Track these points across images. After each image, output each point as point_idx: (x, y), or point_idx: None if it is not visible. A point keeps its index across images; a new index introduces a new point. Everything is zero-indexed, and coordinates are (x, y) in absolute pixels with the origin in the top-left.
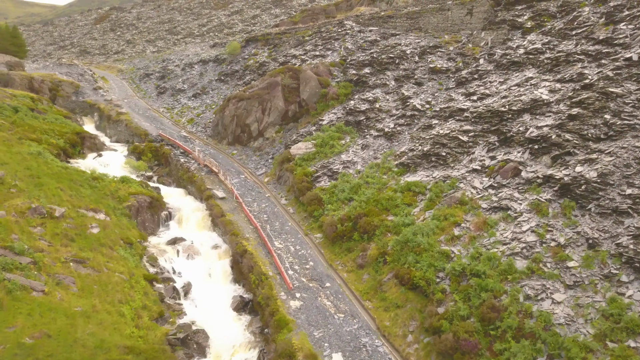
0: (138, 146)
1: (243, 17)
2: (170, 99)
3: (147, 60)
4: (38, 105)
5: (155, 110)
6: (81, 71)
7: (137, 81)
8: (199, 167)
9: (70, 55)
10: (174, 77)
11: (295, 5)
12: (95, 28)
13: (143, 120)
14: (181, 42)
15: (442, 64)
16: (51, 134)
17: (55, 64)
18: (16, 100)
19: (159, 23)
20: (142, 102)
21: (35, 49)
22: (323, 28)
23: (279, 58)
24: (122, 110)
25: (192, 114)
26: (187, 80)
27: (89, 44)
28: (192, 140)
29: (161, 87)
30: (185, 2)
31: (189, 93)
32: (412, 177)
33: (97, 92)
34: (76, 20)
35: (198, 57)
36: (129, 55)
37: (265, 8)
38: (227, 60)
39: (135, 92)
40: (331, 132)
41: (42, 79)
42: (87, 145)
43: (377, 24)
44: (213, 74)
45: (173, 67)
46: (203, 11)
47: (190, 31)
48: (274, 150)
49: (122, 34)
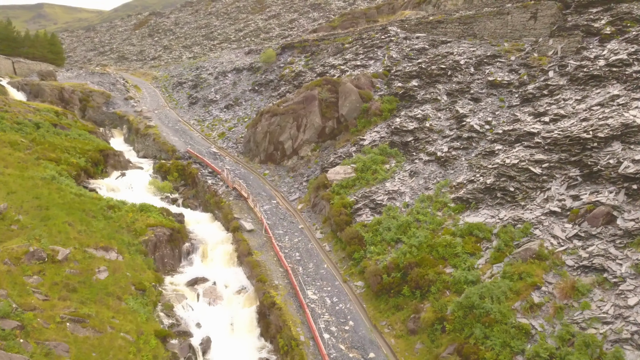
0: (164, 164)
1: (280, 21)
2: (202, 110)
3: (182, 67)
4: (62, 119)
5: (185, 122)
6: (113, 80)
7: (170, 90)
8: (228, 191)
9: (109, 61)
10: (206, 86)
11: (334, 9)
12: (134, 34)
13: (172, 134)
14: (217, 48)
15: (502, 77)
16: (72, 152)
17: (87, 72)
18: (39, 115)
19: (196, 28)
20: (172, 113)
21: (77, 54)
22: (364, 34)
23: (316, 67)
24: (151, 123)
25: (224, 127)
26: (219, 90)
27: (127, 49)
28: (222, 157)
29: (193, 97)
30: (222, 7)
31: (221, 104)
32: (474, 216)
33: (128, 102)
34: (116, 26)
35: (232, 65)
36: (165, 62)
37: (303, 12)
38: (262, 69)
39: (167, 102)
40: (374, 154)
41: (73, 89)
42: (110, 163)
43: (424, 29)
44: (247, 83)
45: (206, 76)
46: (240, 16)
47: (226, 36)
48: (309, 171)
49: (159, 40)
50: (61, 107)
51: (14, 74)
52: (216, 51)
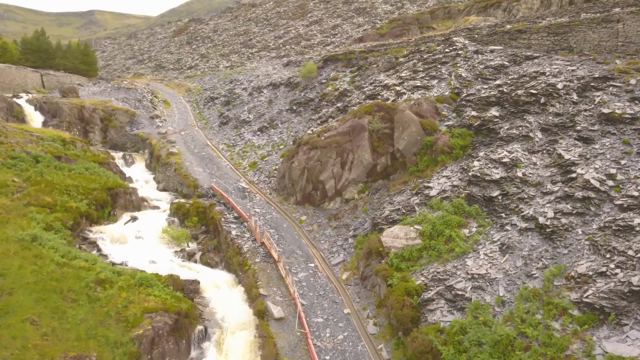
0: (183, 205)
1: (322, 27)
2: (233, 132)
3: (217, 78)
4: (69, 149)
5: (214, 147)
6: (139, 96)
7: (201, 106)
8: (255, 248)
9: (146, 70)
10: (239, 103)
11: (381, 13)
12: (172, 41)
13: (196, 162)
14: (255, 56)
15: (621, 108)
16: (74, 192)
17: (113, 87)
18: (41, 146)
19: (234, 35)
20: (201, 135)
21: (116, 63)
22: (423, 46)
23: (365, 86)
24: (174, 149)
25: (256, 155)
26: (253, 109)
27: (165, 58)
28: (251, 194)
29: (224, 115)
30: (262, 12)
31: (255, 126)
32: (617, 341)
33: (154, 121)
34: (156, 33)
35: (268, 79)
36: (201, 71)
37: (347, 17)
38: (301, 85)
39: (196, 120)
40: (445, 212)
41: (94, 107)
42: (120, 203)
43: (500, 41)
44: (284, 101)
45: (240, 91)
46: (280, 22)
47: (265, 44)
48: (355, 222)
49: (197, 48)
50: (81, 127)
51: (42, 87)
52: (254, 60)
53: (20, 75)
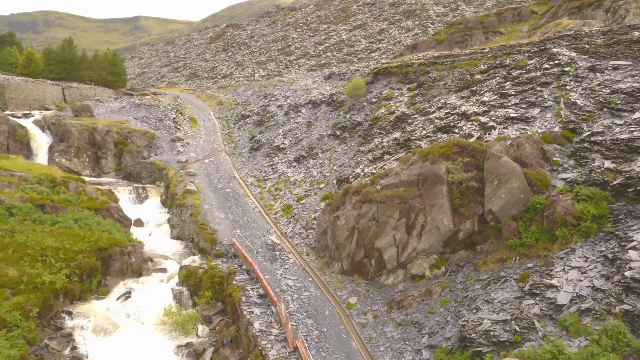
0: (194, 272)
1: (367, 32)
2: (265, 161)
3: (251, 90)
4: (58, 193)
5: (241, 181)
6: (161, 114)
7: (232, 124)
8: (285, 356)
9: (180, 79)
10: (273, 125)
11: (432, 16)
12: (208, 48)
13: (218, 205)
14: (293, 64)
15: None
16: (52, 258)
17: (133, 104)
18: (21, 190)
19: (272, 41)
20: (227, 164)
21: (151, 71)
22: (506, 58)
23: (431, 111)
24: (192, 185)
25: (291, 195)
26: (289, 133)
27: (200, 66)
28: (283, 254)
29: (256, 139)
30: (302, 17)
31: (290, 154)
32: None
33: (175, 145)
34: (193, 40)
35: (307, 96)
36: (235, 81)
37: (394, 20)
38: (346, 105)
39: (224, 142)
40: (595, 345)
41: (108, 129)
42: (114, 268)
43: (627, 53)
44: (325, 124)
45: (275, 109)
46: (321, 26)
47: (305, 50)
48: (431, 322)
49: (232, 55)
50: (91, 153)
51: (63, 102)
52: (291, 68)
53: (38, 90)
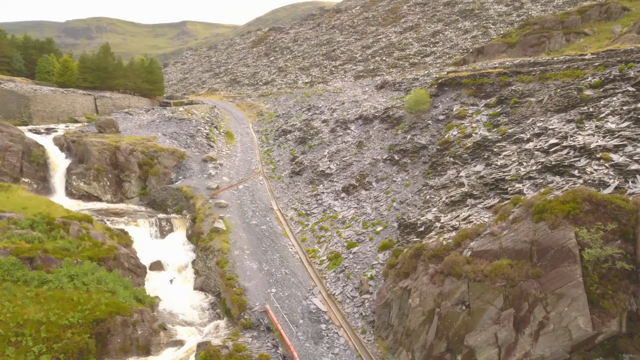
0: (216, 355)
1: (419, 34)
2: (308, 189)
3: (293, 99)
4: (55, 239)
5: (279, 214)
6: (193, 129)
7: (271, 140)
8: None
9: (221, 85)
10: (318, 143)
11: (493, 16)
12: (250, 52)
13: (250, 250)
14: (339, 70)
15: None
16: (30, 336)
17: (163, 118)
18: (7, 238)
19: (316, 45)
20: (264, 191)
21: (193, 76)
22: (630, 69)
23: (524, 137)
24: (221, 223)
25: (340, 240)
26: (337, 155)
27: (241, 71)
28: (331, 327)
29: (298, 161)
30: (347, 19)
31: (338, 182)
32: None
33: (206, 167)
34: (235, 44)
35: (357, 109)
36: (277, 88)
37: (450, 21)
38: (406, 122)
39: (262, 162)
40: None
41: (132, 148)
42: (114, 345)
43: None
44: (379, 145)
45: (319, 125)
46: (368, 29)
47: (351, 55)
48: None
49: (275, 60)
50: (113, 175)
51: (95, 112)
52: (337, 74)
53: (67, 101)
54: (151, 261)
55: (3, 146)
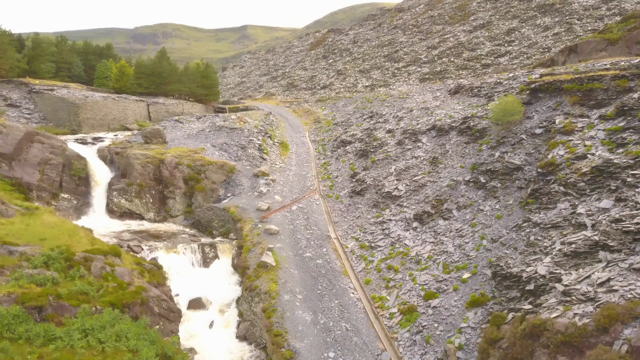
0: None
1: (491, 32)
2: (371, 214)
3: (352, 104)
4: (73, 280)
5: (337, 245)
6: (245, 140)
7: (329, 152)
8: None
9: (278, 89)
10: (382, 158)
11: (578, 10)
12: (308, 55)
13: (302, 296)
14: (402, 72)
15: None
16: None
17: (214, 127)
18: (14, 280)
19: (377, 46)
20: (320, 213)
21: (250, 80)
22: None
23: None
24: (270, 256)
25: (414, 286)
26: (405, 173)
27: (298, 75)
28: None
29: (359, 178)
30: (411, 18)
31: (408, 208)
32: None
33: (257, 182)
34: (293, 47)
35: (428, 118)
36: (336, 92)
37: (526, 18)
38: (491, 135)
39: (318, 177)
40: None
41: (178, 161)
42: None
43: None
44: (459, 162)
45: (383, 135)
46: (434, 28)
47: (415, 56)
48: None
49: (333, 62)
50: (156, 192)
51: (147, 119)
52: (400, 77)
53: (119, 108)
54: (190, 298)
55: (43, 159)
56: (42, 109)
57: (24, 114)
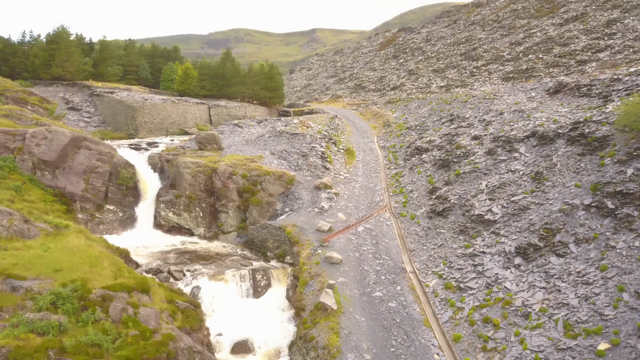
0: None
1: (587, 25)
2: (457, 242)
3: (427, 106)
4: (85, 325)
5: (415, 282)
6: (306, 147)
7: (401, 161)
8: None
9: (345, 91)
10: (469, 170)
11: None
12: (377, 55)
13: (370, 355)
14: (482, 71)
15: None
16: None
17: (274, 132)
18: (11, 328)
19: (452, 44)
20: (391, 237)
21: (317, 82)
22: None
23: None
24: (330, 295)
25: (523, 352)
26: (500, 191)
27: (366, 76)
28: None
29: (440, 195)
30: (491, 13)
31: (507, 237)
32: None
33: (319, 196)
34: (361, 47)
35: (525, 122)
36: (407, 93)
37: (630, 7)
38: (617, 146)
39: (389, 191)
40: None
41: (232, 170)
42: None
43: None
44: (572, 179)
45: (468, 142)
46: (517, 22)
47: (496, 53)
48: None
49: (404, 62)
50: (207, 204)
51: (208, 123)
52: (479, 76)
53: (178, 111)
54: (235, 340)
55: (89, 167)
56: (102, 112)
57: (84, 117)
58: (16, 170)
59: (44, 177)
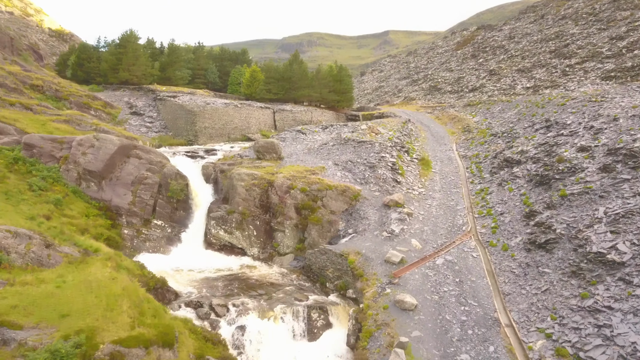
0: None
1: None
2: (570, 289)
3: (514, 109)
4: None
5: (510, 337)
6: (375, 157)
7: (486, 173)
8: None
9: (419, 93)
10: (578, 191)
11: None
12: (454, 55)
13: None
14: (576, 70)
15: None
16: None
17: (338, 140)
18: None
19: (539, 41)
20: (479, 276)
21: (389, 84)
22: None
23: None
24: (400, 355)
25: None
26: (626, 222)
27: (442, 77)
28: None
29: (540, 221)
30: (584, 5)
31: (633, 285)
32: None
33: (388, 216)
34: (436, 47)
35: None
36: (488, 95)
37: None
38: None
39: (473, 211)
40: None
41: (290, 183)
42: None
43: None
44: None
45: (574, 155)
46: (618, 14)
47: (593, 50)
48: None
49: (484, 61)
50: (261, 222)
51: (273, 128)
52: (573, 76)
53: (240, 116)
54: None
55: (138, 178)
56: (164, 117)
57: (146, 122)
58: (60, 181)
59: (89, 188)
